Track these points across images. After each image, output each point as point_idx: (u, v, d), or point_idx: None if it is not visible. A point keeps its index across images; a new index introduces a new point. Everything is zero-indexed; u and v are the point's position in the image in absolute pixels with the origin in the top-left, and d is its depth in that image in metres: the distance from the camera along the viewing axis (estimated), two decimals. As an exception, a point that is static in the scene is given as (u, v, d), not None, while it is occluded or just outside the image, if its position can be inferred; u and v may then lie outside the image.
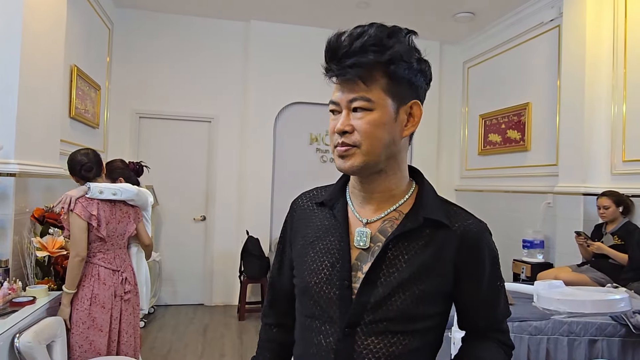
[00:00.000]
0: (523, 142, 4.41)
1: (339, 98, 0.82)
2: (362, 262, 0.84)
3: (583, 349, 2.67)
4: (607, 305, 1.17)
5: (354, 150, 0.81)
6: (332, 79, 0.82)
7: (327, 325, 0.83)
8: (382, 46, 0.78)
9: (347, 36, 0.79)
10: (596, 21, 3.55)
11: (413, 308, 0.81)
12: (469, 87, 5.40)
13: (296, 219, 0.96)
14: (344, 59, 0.78)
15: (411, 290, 0.81)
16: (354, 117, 0.81)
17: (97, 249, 2.29)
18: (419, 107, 0.86)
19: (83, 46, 3.80)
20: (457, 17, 4.59)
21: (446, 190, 5.50)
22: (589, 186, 3.53)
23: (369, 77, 0.79)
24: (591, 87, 3.55)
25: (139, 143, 4.80)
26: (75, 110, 3.58)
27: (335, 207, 0.89)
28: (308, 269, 0.87)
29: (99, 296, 2.24)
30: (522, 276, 3.91)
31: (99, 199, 2.28)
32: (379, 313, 0.80)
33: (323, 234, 0.88)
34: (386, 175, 0.86)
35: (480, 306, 0.90)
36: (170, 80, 4.80)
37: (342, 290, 0.82)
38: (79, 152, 2.38)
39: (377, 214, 0.86)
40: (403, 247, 0.83)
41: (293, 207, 0.99)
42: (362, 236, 0.85)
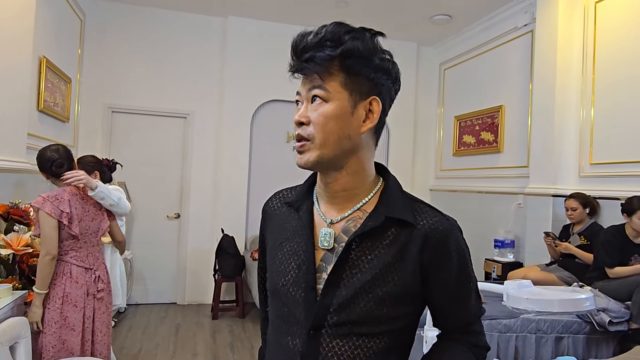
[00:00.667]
0: (496, 144, 4.51)
1: (301, 88, 0.84)
2: (327, 263, 0.83)
3: (550, 345, 2.75)
4: (573, 304, 1.20)
5: (309, 145, 0.81)
6: (294, 75, 0.84)
7: (294, 327, 0.83)
8: (337, 41, 0.79)
9: (308, 34, 0.82)
10: (567, 28, 3.66)
11: (377, 310, 0.78)
12: (445, 88, 5.48)
13: (267, 220, 0.96)
14: (302, 54, 0.80)
15: (374, 292, 0.78)
16: (311, 108, 0.82)
17: (70, 246, 2.23)
18: (378, 103, 0.82)
19: (53, 37, 3.68)
20: (434, 19, 4.65)
21: (421, 190, 5.58)
22: (558, 188, 3.64)
23: (324, 71, 0.80)
24: (561, 92, 3.65)
25: (111, 138, 4.69)
26: (44, 103, 3.46)
27: (301, 209, 0.88)
28: (276, 271, 0.87)
29: (71, 295, 2.19)
30: (493, 275, 4.00)
31: (71, 196, 2.21)
32: (342, 315, 0.79)
33: (290, 236, 0.88)
34: (347, 173, 0.83)
35: (450, 306, 0.87)
36: (145, 74, 4.70)
37: (307, 292, 0.82)
38: (49, 148, 2.31)
39: (340, 214, 0.85)
40: (366, 247, 0.80)
41: (265, 209, 0.99)
42: (326, 237, 0.83)
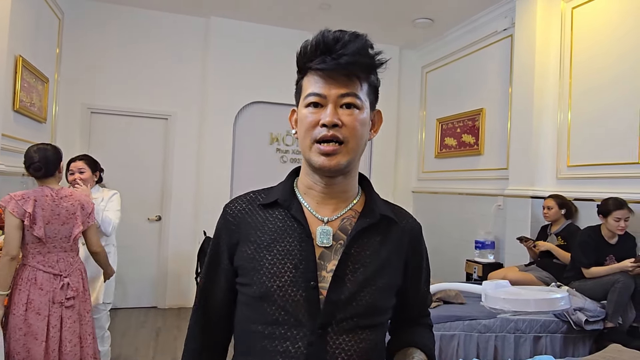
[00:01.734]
0: (477, 146, 4.57)
1: (326, 90, 0.82)
2: (326, 260, 0.84)
3: (528, 345, 2.79)
4: (548, 303, 1.22)
5: (341, 149, 0.82)
6: (316, 72, 0.82)
7: (293, 330, 0.81)
8: (374, 54, 0.84)
9: (340, 34, 0.81)
10: (545, 32, 3.73)
11: (378, 301, 0.85)
12: (427, 91, 5.54)
13: (239, 225, 0.90)
14: (344, 55, 0.79)
15: (377, 284, 0.84)
16: (342, 113, 0.82)
17: (36, 250, 2.17)
18: (380, 115, 0.92)
19: (30, 36, 3.60)
20: (417, 22, 4.70)
21: (403, 192, 5.61)
22: (536, 189, 3.70)
23: (364, 78, 0.84)
24: (540, 95, 3.72)
25: (90, 139, 4.60)
26: (20, 103, 3.38)
27: (292, 208, 0.87)
28: (267, 274, 0.83)
29: (34, 302, 2.12)
30: (474, 276, 4.05)
31: (40, 197, 2.16)
32: (349, 310, 0.82)
33: (280, 236, 0.85)
34: (349, 175, 0.89)
35: (418, 297, 0.99)
36: (125, 75, 4.63)
37: (308, 291, 0.81)
38: (36, 147, 2.25)
39: (335, 213, 0.88)
40: (364, 243, 0.86)
41: (229, 213, 0.92)
42: (326, 235, 0.85)
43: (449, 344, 2.70)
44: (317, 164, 0.82)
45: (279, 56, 4.73)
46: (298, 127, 0.87)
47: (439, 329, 2.71)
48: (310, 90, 0.83)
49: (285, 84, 5.03)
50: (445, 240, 4.92)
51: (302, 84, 0.87)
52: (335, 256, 0.84)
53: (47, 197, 2.20)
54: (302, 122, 0.84)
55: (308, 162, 0.86)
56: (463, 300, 3.07)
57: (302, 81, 0.86)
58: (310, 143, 0.83)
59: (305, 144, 0.84)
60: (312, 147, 0.83)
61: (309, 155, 0.84)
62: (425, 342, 0.96)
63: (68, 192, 2.30)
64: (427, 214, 5.33)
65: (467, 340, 2.73)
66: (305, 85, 0.85)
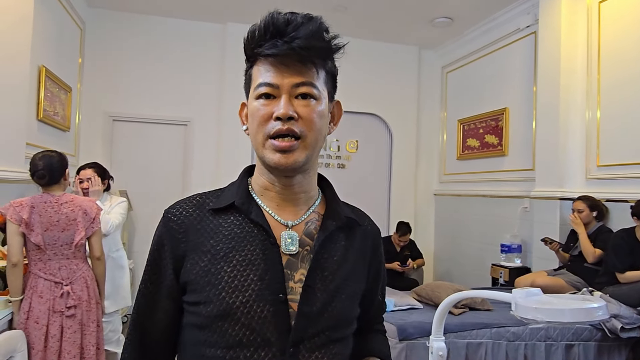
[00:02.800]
0: (500, 147, 4.44)
1: (278, 80, 0.72)
2: (293, 269, 0.75)
3: (560, 354, 2.67)
4: (585, 313, 1.13)
5: (298, 144, 0.73)
6: (266, 58, 0.73)
7: (260, 351, 0.70)
8: (330, 38, 0.74)
9: (292, 15, 0.72)
10: (571, 28, 3.60)
11: (348, 311, 0.79)
12: (448, 92, 5.43)
13: (183, 232, 0.77)
14: (296, 38, 0.70)
15: (345, 292, 0.78)
16: (298, 104, 0.73)
17: (37, 257, 2.15)
18: (340, 106, 0.83)
19: (53, 46, 3.67)
20: (435, 22, 4.62)
21: (425, 195, 5.52)
22: (564, 191, 3.57)
23: (320, 65, 0.75)
24: (566, 93, 3.59)
25: (112, 147, 4.66)
26: (44, 112, 3.44)
27: (252, 212, 0.77)
28: (227, 288, 0.71)
29: (34, 310, 2.10)
30: (500, 280, 3.93)
31: (38, 203, 2.15)
32: (321, 323, 0.74)
33: (238, 244, 0.74)
34: (308, 174, 0.80)
35: (377, 303, 0.94)
36: (145, 82, 4.69)
37: (276, 305, 0.72)
38: (42, 154, 2.25)
39: (298, 216, 0.79)
40: (330, 248, 0.78)
41: (172, 220, 0.78)
42: (292, 241, 0.76)
43: (475, 352, 2.61)
44: (273, 162, 0.73)
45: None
46: (249, 122, 0.77)
47: (465, 336, 2.61)
48: (260, 79, 0.73)
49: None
50: (469, 244, 4.80)
51: (251, 74, 0.77)
52: (303, 264, 0.75)
53: (47, 203, 2.18)
54: (253, 115, 0.75)
55: (262, 160, 0.76)
56: (490, 306, 2.96)
57: (251, 70, 0.77)
58: (263, 139, 0.73)
59: (258, 140, 0.74)
60: (265, 144, 0.73)
61: (262, 153, 0.74)
62: (383, 349, 0.93)
63: (69, 198, 2.26)
64: (449, 217, 5.22)
65: (495, 348, 2.63)
66: (255, 74, 0.75)
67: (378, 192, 5.32)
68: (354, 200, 4.12)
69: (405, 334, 2.57)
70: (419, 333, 2.57)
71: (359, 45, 5.14)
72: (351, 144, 5.23)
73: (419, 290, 3.21)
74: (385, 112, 5.28)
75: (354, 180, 5.19)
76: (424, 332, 2.54)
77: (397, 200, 5.30)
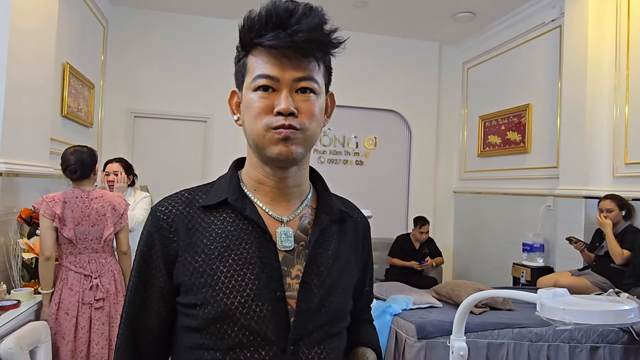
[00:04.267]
0: (523, 144, 4.35)
1: (279, 73, 0.70)
2: (289, 266, 0.74)
3: (585, 356, 2.61)
4: (615, 316, 1.09)
5: (298, 135, 0.71)
6: (267, 49, 0.70)
7: (261, 350, 0.69)
8: (330, 31, 0.72)
9: (293, 5, 0.69)
10: (598, 21, 3.49)
11: (344, 305, 0.79)
12: (469, 88, 5.34)
13: (174, 231, 0.74)
14: (299, 31, 0.68)
15: (341, 286, 0.78)
16: (298, 98, 0.71)
17: (68, 251, 2.22)
18: (333, 98, 0.82)
19: (76, 44, 3.73)
20: (457, 17, 4.54)
21: (444, 192, 5.45)
22: (590, 189, 3.47)
23: (321, 59, 0.73)
24: (593, 89, 3.49)
25: (134, 142, 4.73)
26: (68, 108, 3.51)
27: (246, 208, 0.74)
28: (224, 289, 0.70)
29: (64, 302, 2.16)
30: (522, 280, 3.85)
31: (70, 198, 2.20)
32: (319, 318, 0.73)
33: (232, 243, 0.72)
34: (302, 166, 0.78)
35: (366, 293, 0.93)
36: (166, 78, 4.73)
37: (275, 303, 0.70)
38: (73, 149, 2.30)
39: (292, 211, 0.78)
40: (324, 243, 0.78)
41: (162, 218, 0.75)
42: (287, 237, 0.75)
43: (497, 352, 2.56)
44: (274, 153, 0.71)
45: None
46: (243, 113, 0.75)
47: (486, 336, 2.57)
48: (259, 71, 0.71)
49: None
50: (490, 242, 4.72)
51: (246, 63, 0.74)
52: (299, 260, 0.74)
53: (77, 198, 2.23)
54: (249, 108, 0.72)
55: (260, 152, 0.73)
56: (512, 306, 2.91)
57: (247, 59, 0.74)
58: (263, 130, 0.71)
59: (257, 132, 0.72)
60: (266, 135, 0.71)
61: (263, 145, 0.72)
62: (373, 339, 0.93)
63: (99, 193, 2.32)
64: (469, 215, 5.14)
65: (517, 349, 2.58)
66: (252, 64, 0.72)
67: (396, 190, 5.27)
68: (372, 198, 4.17)
69: (425, 333, 2.54)
70: (439, 332, 2.54)
71: (378, 41, 5.10)
72: (370, 141, 5.19)
73: (438, 289, 3.17)
74: (404, 108, 5.23)
75: (372, 177, 5.16)
76: (444, 331, 2.50)
77: (416, 197, 5.25)
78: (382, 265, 4.85)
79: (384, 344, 2.74)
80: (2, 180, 2.34)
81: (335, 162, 5.10)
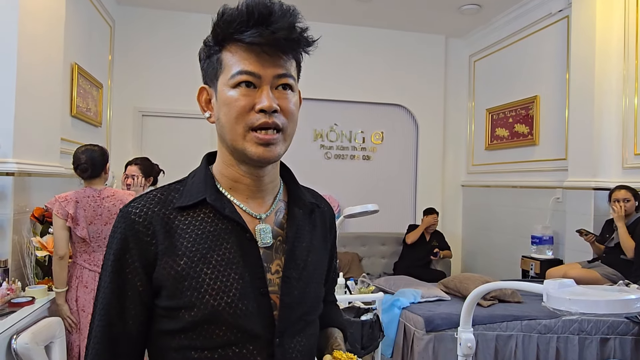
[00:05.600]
0: (531, 136, 4.32)
1: (260, 70, 0.70)
2: (268, 262, 0.75)
3: (594, 347, 2.60)
4: (622, 305, 1.10)
5: (279, 137, 0.72)
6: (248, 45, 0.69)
7: (249, 345, 0.71)
8: (305, 29, 0.73)
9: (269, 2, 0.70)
10: (607, 10, 3.45)
11: (320, 292, 0.83)
12: (475, 81, 5.31)
13: (151, 234, 0.71)
14: (282, 28, 0.68)
15: (317, 276, 0.81)
16: (278, 95, 0.72)
17: (82, 249, 2.26)
18: (300, 95, 0.81)
19: (84, 44, 3.77)
20: (463, 9, 4.51)
21: (452, 186, 5.43)
22: (599, 181, 3.44)
23: (295, 55, 0.75)
24: (601, 79, 3.46)
25: (142, 141, 4.78)
26: (77, 108, 3.56)
27: (225, 207, 0.74)
28: (210, 291, 0.69)
29: (80, 299, 2.22)
30: (531, 273, 3.84)
31: (82, 197, 2.23)
32: (300, 309, 0.77)
33: (214, 244, 0.72)
34: (277, 163, 0.81)
35: (331, 279, 0.97)
36: (173, 77, 4.76)
37: (259, 300, 0.72)
38: (84, 148, 2.34)
39: (267, 207, 0.79)
40: (299, 236, 0.80)
41: (136, 221, 0.72)
42: (266, 233, 0.75)
43: (506, 344, 2.57)
44: (256, 155, 0.71)
45: (319, 51, 4.69)
46: (221, 111, 0.73)
47: (494, 328, 2.57)
48: (240, 67, 0.70)
49: (327, 78, 5.01)
50: (498, 235, 4.70)
51: (221, 58, 0.72)
52: (277, 255, 0.76)
53: (89, 197, 2.27)
54: (229, 105, 0.71)
55: (239, 152, 0.72)
56: (520, 298, 2.90)
57: (222, 55, 0.72)
58: (244, 131, 0.70)
59: (237, 131, 0.71)
60: (247, 136, 0.70)
61: (243, 145, 0.71)
62: (339, 319, 0.98)
63: (110, 192, 2.35)
64: (478, 209, 5.12)
65: (525, 341, 2.58)
66: (229, 60, 0.71)
67: (404, 184, 5.27)
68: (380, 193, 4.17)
69: (433, 326, 2.55)
70: (447, 325, 2.55)
71: (383, 36, 5.08)
72: (376, 136, 5.19)
73: (446, 282, 3.18)
74: (411, 102, 5.21)
75: (379, 172, 5.16)
76: (452, 323, 2.51)
77: (423, 192, 5.24)
78: (390, 259, 4.87)
79: (392, 337, 2.75)
80: (14, 180, 2.39)
81: (342, 158, 5.10)
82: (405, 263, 4.57)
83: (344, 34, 4.94)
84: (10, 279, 2.24)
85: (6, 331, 1.83)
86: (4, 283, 2.14)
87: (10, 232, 2.35)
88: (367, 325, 2.11)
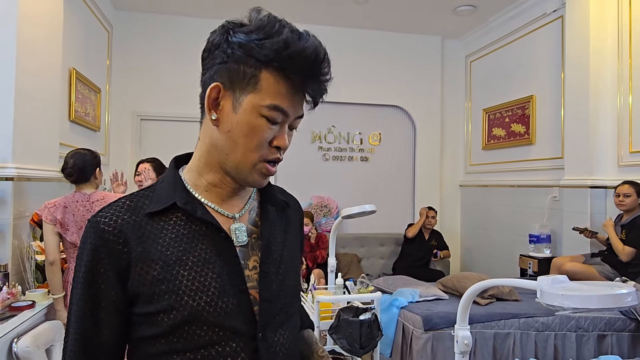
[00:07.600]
0: (528, 136, 4.35)
1: (291, 110, 0.73)
2: (245, 259, 0.77)
3: (592, 344, 2.62)
4: (613, 299, 1.12)
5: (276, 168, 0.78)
6: (292, 81, 0.70)
7: (231, 343, 0.72)
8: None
9: (325, 52, 0.72)
10: (600, 10, 3.48)
11: (298, 284, 0.86)
12: (472, 81, 5.34)
13: (123, 242, 0.71)
14: (327, 80, 0.73)
15: (293, 269, 0.84)
16: (289, 133, 0.77)
17: (74, 254, 2.24)
18: None
19: (82, 49, 3.79)
20: (458, 10, 4.54)
21: (450, 186, 5.45)
22: (595, 179, 3.47)
23: None
24: (596, 78, 3.48)
25: (141, 145, 4.79)
26: (75, 113, 3.57)
27: (197, 210, 0.74)
28: (188, 292, 0.69)
29: None
30: (529, 271, 3.86)
31: (70, 203, 2.22)
32: (280, 302, 0.79)
33: (188, 246, 0.72)
34: None
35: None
36: (172, 81, 4.79)
37: (239, 297, 0.73)
38: (74, 152, 2.34)
39: (241, 207, 0.81)
40: (274, 232, 0.83)
41: (107, 230, 0.71)
42: (241, 232, 0.77)
43: (504, 342, 2.58)
44: (256, 184, 0.76)
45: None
46: (239, 129, 0.71)
47: (492, 326, 2.59)
48: (277, 101, 0.70)
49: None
50: (496, 235, 4.72)
51: (259, 78, 0.70)
52: (254, 252, 0.78)
53: (78, 202, 2.25)
54: (254, 130, 0.71)
55: (239, 173, 0.74)
56: (518, 297, 2.92)
57: (260, 72, 0.70)
58: (257, 160, 0.73)
59: (249, 158, 0.72)
60: (257, 165, 0.73)
61: (248, 172, 0.73)
62: (307, 319, 1.02)
63: (100, 195, 2.33)
64: (476, 209, 5.15)
65: (523, 339, 2.59)
66: (268, 85, 0.70)
67: (402, 185, 5.29)
68: (378, 194, 4.21)
69: (431, 325, 2.57)
70: (445, 323, 2.56)
71: (380, 38, 5.11)
72: (374, 137, 5.21)
73: (444, 281, 3.19)
74: (408, 103, 5.24)
75: (377, 173, 5.18)
76: (450, 322, 2.53)
77: (421, 192, 5.26)
78: (389, 259, 4.88)
79: (391, 336, 2.77)
80: (13, 184, 2.40)
81: (340, 159, 5.12)
82: (404, 263, 4.59)
83: (341, 36, 4.97)
84: (10, 283, 2.25)
85: (7, 335, 1.84)
86: (5, 287, 2.15)
87: (10, 236, 2.37)
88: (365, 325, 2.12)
